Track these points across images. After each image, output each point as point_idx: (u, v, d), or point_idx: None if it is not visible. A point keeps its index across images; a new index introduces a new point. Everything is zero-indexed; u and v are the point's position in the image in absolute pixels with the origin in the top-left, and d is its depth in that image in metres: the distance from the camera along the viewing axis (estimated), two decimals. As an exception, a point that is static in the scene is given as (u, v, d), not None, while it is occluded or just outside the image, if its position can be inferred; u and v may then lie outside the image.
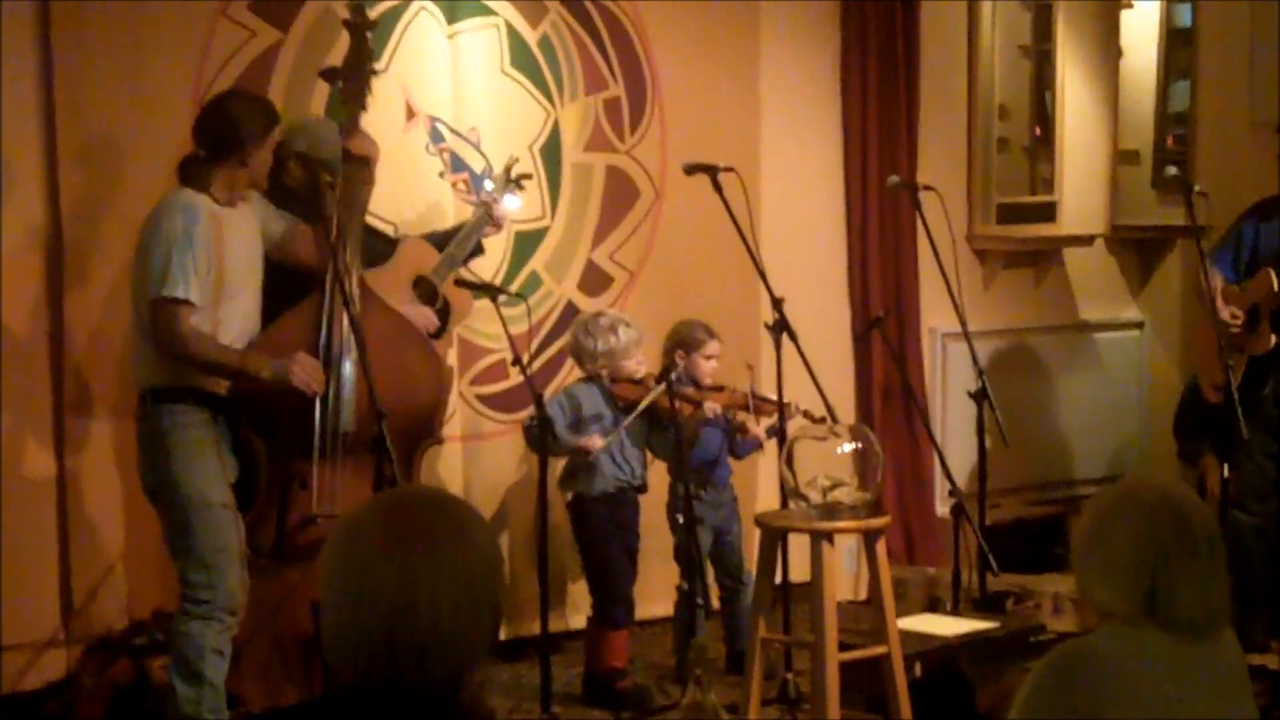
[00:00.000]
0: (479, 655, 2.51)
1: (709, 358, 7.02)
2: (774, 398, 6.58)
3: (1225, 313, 7.18)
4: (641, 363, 6.86)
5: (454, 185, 7.26)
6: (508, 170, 6.86)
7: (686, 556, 6.69)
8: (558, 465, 6.84)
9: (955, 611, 6.92)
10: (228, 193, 5.71)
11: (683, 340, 7.02)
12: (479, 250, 6.83)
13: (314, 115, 6.74)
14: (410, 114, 7.15)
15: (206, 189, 5.66)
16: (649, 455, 7.01)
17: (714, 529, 7.02)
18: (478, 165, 7.29)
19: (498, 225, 6.82)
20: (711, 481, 7.04)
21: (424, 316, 6.39)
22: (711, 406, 6.83)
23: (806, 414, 6.68)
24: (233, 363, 5.63)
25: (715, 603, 7.12)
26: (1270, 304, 7.13)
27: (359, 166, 6.18)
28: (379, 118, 6.64)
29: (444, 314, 6.56)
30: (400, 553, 2.47)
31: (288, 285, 6.00)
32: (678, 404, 6.48)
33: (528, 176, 7.02)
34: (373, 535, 2.50)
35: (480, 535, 2.54)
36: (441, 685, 2.48)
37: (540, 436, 6.29)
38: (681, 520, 6.55)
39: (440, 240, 6.69)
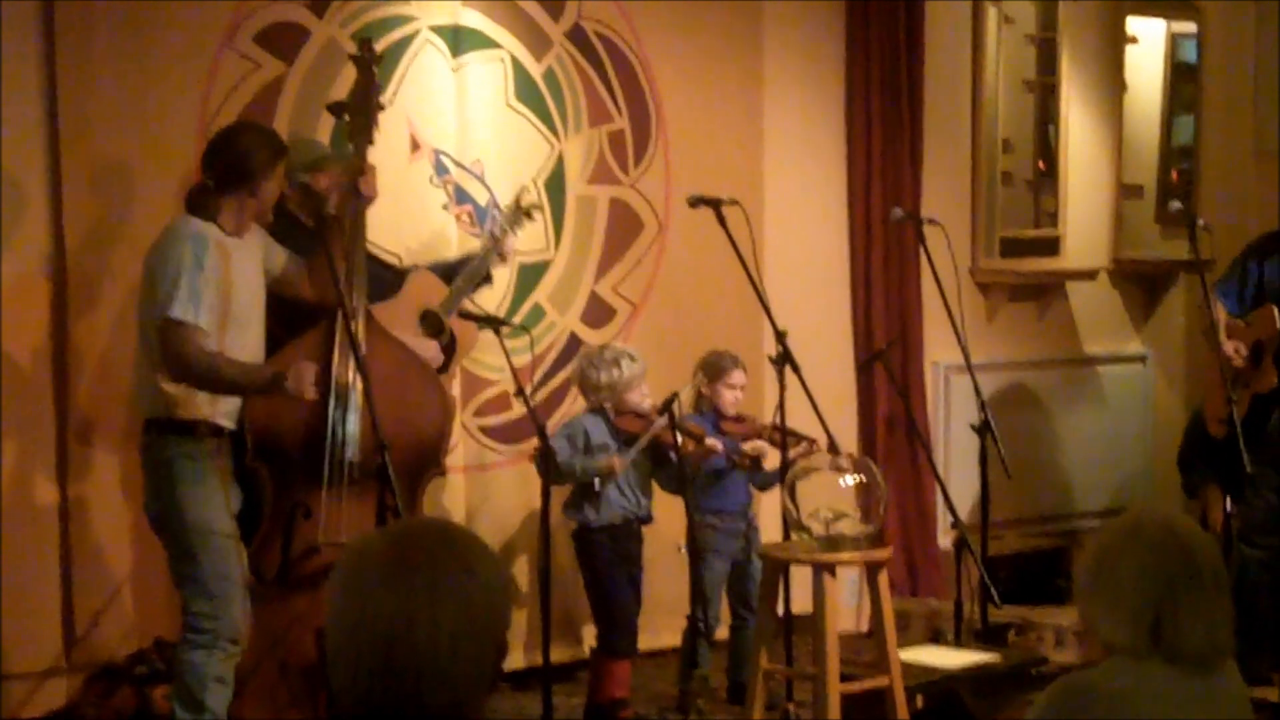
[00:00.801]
0: (481, 686, 2.52)
1: (732, 386, 7.02)
2: (800, 432, 6.58)
3: (1229, 347, 7.18)
4: (646, 396, 6.85)
5: (458, 218, 7.27)
6: (517, 201, 6.87)
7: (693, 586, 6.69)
8: (561, 494, 6.83)
9: (957, 643, 6.91)
10: (235, 223, 5.72)
11: (707, 367, 7.04)
12: (486, 281, 6.85)
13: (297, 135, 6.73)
14: (415, 146, 7.17)
15: (214, 218, 5.67)
16: (655, 486, 7.01)
17: (731, 559, 6.99)
18: (482, 198, 7.30)
19: (504, 258, 6.83)
20: (727, 510, 7.01)
21: (429, 353, 6.40)
22: (713, 443, 6.82)
23: (832, 448, 6.67)
24: (241, 377, 5.63)
25: (727, 632, 7.12)
26: (1275, 342, 7.13)
27: (365, 204, 6.19)
28: (384, 150, 6.66)
29: (450, 348, 6.58)
30: (402, 579, 2.48)
31: (287, 319, 6.01)
32: (680, 438, 6.47)
33: (538, 207, 7.04)
34: (377, 561, 2.51)
35: (485, 567, 2.55)
36: (442, 713, 2.49)
37: (544, 467, 6.27)
38: (684, 549, 6.55)
39: (446, 270, 6.70)
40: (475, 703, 2.52)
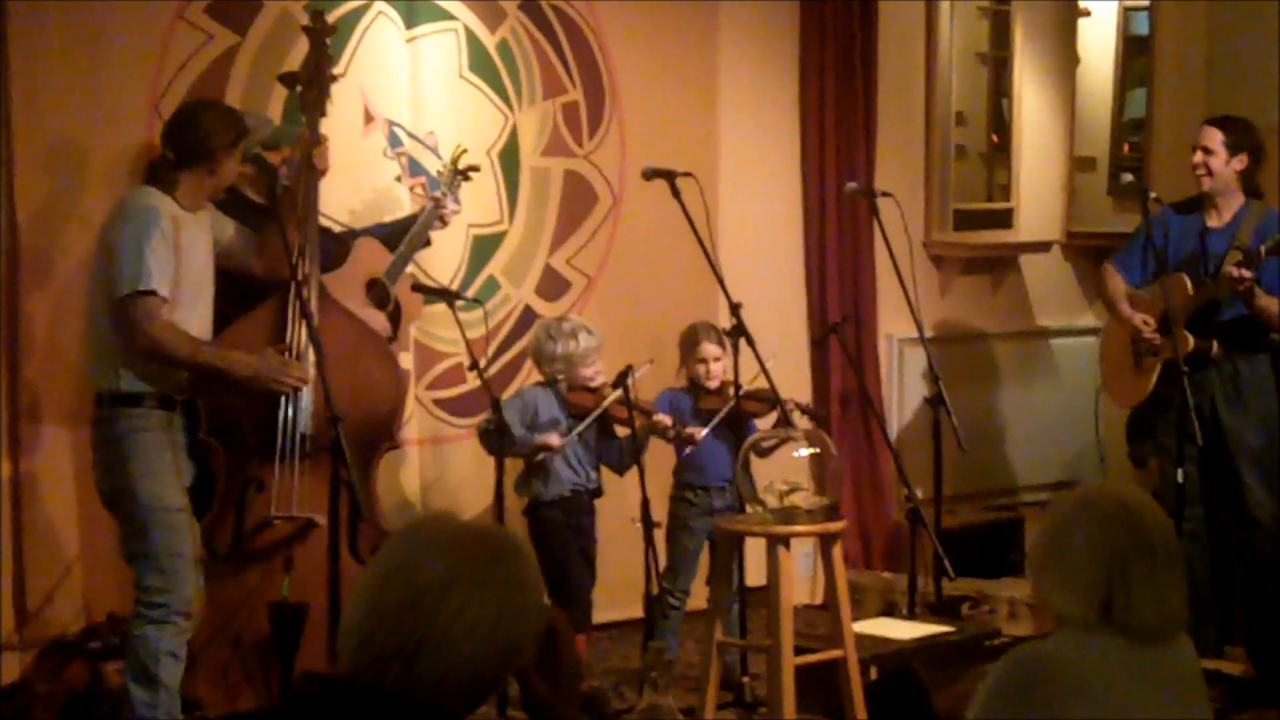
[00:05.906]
0: (472, 689, 2.50)
1: (702, 360, 6.94)
2: (764, 394, 6.57)
3: (1137, 319, 7.18)
4: (599, 372, 6.83)
5: (411, 189, 7.24)
6: (455, 162, 6.83)
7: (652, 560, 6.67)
8: (515, 470, 6.83)
9: (911, 616, 6.94)
10: (192, 199, 5.71)
11: (682, 344, 7.00)
12: (427, 243, 6.80)
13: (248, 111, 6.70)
14: (368, 118, 7.14)
15: (172, 191, 5.65)
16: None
17: (707, 536, 6.93)
18: (435, 170, 7.27)
19: (445, 222, 6.78)
20: (702, 485, 6.99)
21: (377, 323, 6.39)
22: (661, 419, 6.79)
23: (800, 408, 6.69)
24: (209, 359, 5.63)
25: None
26: (1186, 309, 7.06)
27: (317, 176, 6.17)
28: (337, 122, 6.62)
29: (395, 316, 6.55)
30: (459, 554, 2.52)
31: (234, 293, 5.99)
32: (627, 412, 6.46)
33: (475, 169, 6.96)
34: (448, 534, 2.56)
35: (534, 590, 2.58)
36: (422, 694, 2.47)
37: (498, 440, 6.27)
38: (638, 523, 6.53)
39: (388, 233, 6.65)
40: (459, 703, 2.51)
